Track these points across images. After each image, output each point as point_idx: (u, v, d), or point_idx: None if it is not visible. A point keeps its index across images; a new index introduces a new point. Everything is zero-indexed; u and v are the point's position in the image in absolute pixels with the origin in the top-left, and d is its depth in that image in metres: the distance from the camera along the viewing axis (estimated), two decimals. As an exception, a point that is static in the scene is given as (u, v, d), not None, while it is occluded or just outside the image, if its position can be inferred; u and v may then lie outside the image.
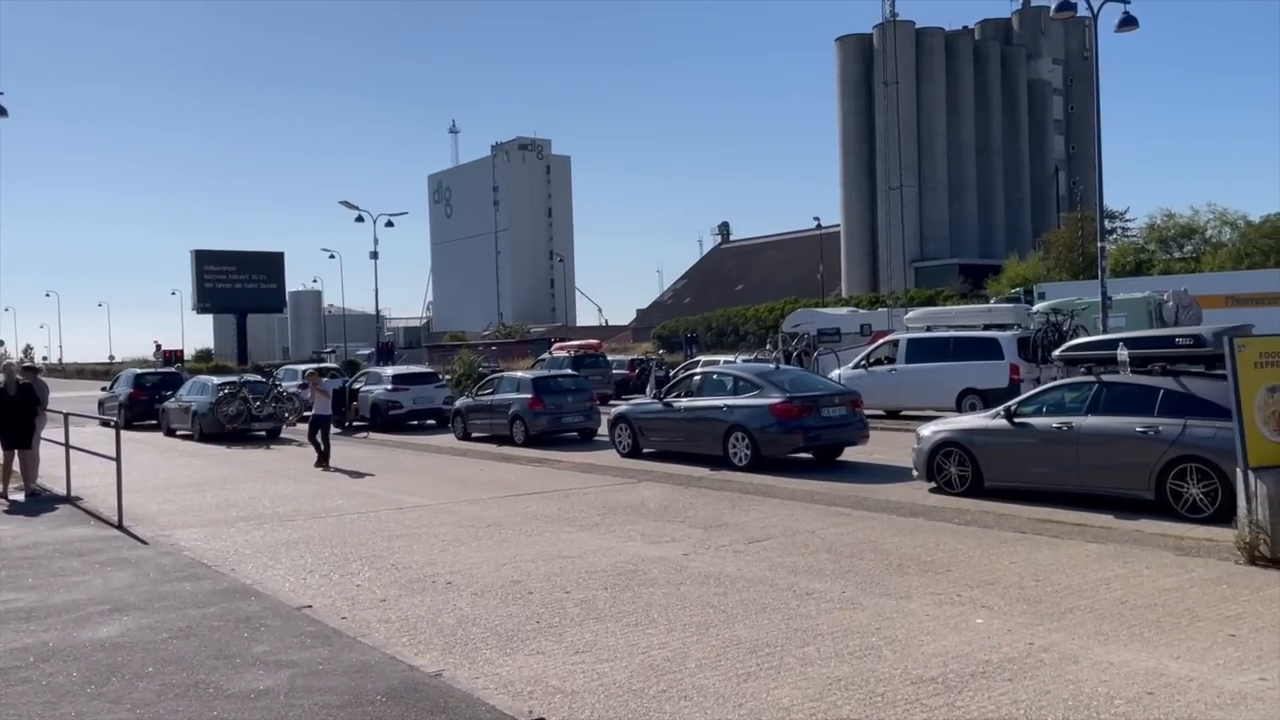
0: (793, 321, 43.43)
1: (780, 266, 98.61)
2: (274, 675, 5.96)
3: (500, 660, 6.27)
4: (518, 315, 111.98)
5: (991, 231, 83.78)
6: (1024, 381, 19.41)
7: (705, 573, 8.48)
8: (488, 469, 17.09)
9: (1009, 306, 27.27)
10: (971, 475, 11.93)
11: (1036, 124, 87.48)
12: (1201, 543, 8.81)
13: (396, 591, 8.21)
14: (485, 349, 61.68)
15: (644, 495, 13.19)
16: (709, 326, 72.70)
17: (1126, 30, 21.68)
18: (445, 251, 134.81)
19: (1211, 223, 57.94)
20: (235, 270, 74.00)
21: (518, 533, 10.71)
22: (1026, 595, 7.39)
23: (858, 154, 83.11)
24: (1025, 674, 5.65)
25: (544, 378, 22.60)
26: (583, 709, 5.37)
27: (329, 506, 13.12)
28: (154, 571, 9.12)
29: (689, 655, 6.23)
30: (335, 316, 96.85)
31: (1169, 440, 10.02)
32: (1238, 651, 5.89)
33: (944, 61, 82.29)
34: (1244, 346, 8.32)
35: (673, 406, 17.10)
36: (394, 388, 26.19)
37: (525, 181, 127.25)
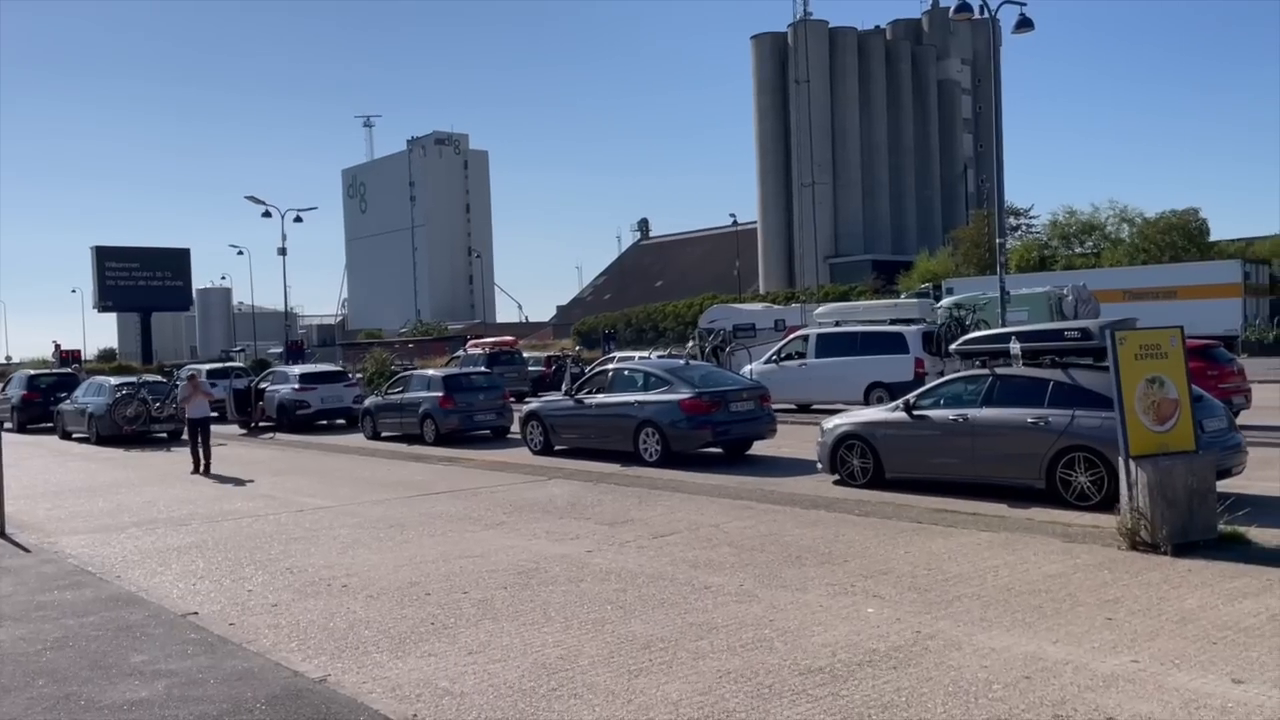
0: (709, 317, 43.81)
1: (699, 263, 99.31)
2: (150, 685, 5.75)
3: (390, 663, 6.16)
4: (436, 313, 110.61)
5: (904, 228, 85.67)
6: (928, 375, 19.82)
7: (606, 569, 8.46)
8: (396, 469, 16.82)
9: (915, 302, 27.83)
10: (873, 467, 12.15)
11: (946, 123, 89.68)
12: (1088, 529, 9.11)
13: (289, 596, 8.01)
14: (401, 347, 60.77)
15: (552, 493, 13.12)
16: (629, 323, 72.85)
17: (1023, 31, 22.31)
18: (360, 248, 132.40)
19: (1111, 219, 60.14)
20: (139, 267, 71.50)
21: (420, 533, 10.55)
22: (917, 584, 7.53)
23: (774, 151, 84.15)
24: (910, 662, 5.76)
25: (455, 376, 22.34)
26: (469, 710, 5.30)
27: (227, 510, 12.76)
28: (33, 580, 8.75)
29: (583, 653, 6.20)
30: (245, 315, 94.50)
31: (1058, 430, 10.33)
32: (1113, 635, 6.09)
33: (856, 61, 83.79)
34: (1124, 339, 8.62)
35: (584, 403, 17.06)
36: (301, 387, 25.62)
37: (442, 177, 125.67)
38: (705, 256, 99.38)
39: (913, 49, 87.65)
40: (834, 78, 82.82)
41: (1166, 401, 8.61)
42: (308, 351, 54.60)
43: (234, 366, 33.46)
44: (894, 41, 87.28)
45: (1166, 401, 8.61)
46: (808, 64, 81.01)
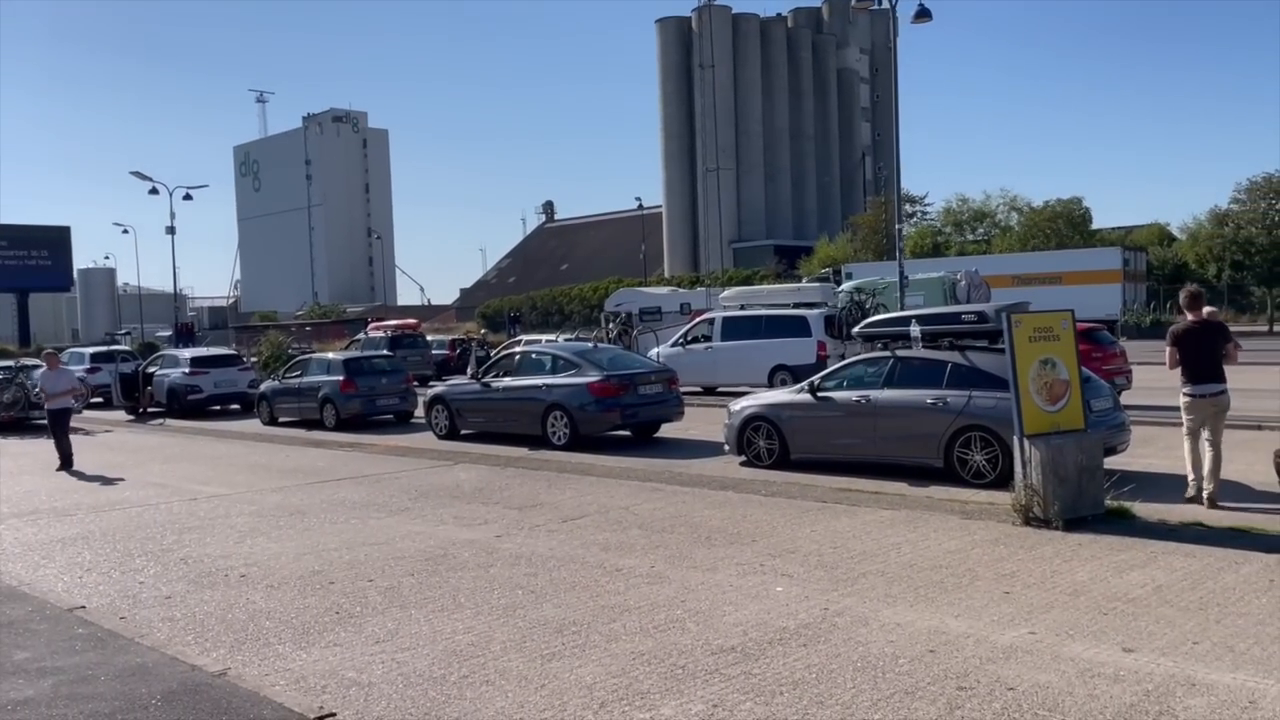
0: (615, 301, 43.77)
1: (604, 246, 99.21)
2: (35, 684, 5.46)
3: (293, 655, 5.98)
4: (334, 295, 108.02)
5: (804, 214, 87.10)
6: (830, 358, 20.21)
7: (516, 554, 8.39)
8: (294, 455, 16.37)
9: (817, 286, 28.35)
10: (779, 448, 12.32)
11: (845, 111, 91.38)
12: (983, 506, 9.40)
13: (184, 587, 7.71)
14: (298, 330, 59.17)
15: (459, 478, 12.95)
16: (534, 306, 72.38)
17: (921, 21, 22.84)
18: (254, 227, 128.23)
19: (1001, 207, 62.28)
20: (14, 246, 67.80)
21: (322, 520, 10.28)
22: (824, 562, 7.67)
23: (678, 136, 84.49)
24: (819, 638, 5.85)
25: (356, 359, 21.82)
26: (378, 700, 5.18)
27: (114, 499, 12.22)
28: (-98, 577, 8.22)
29: (494, 638, 6.13)
30: (131, 296, 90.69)
31: (956, 411, 10.64)
32: (1011, 608, 6.30)
33: (759, 47, 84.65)
34: (1019, 322, 8.91)
35: (491, 387, 16.87)
36: (193, 371, 24.72)
37: (340, 155, 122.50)
38: (610, 240, 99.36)
39: (813, 37, 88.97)
40: (737, 64, 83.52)
41: (1058, 382, 8.94)
42: (198, 334, 52.72)
43: (120, 350, 32.06)
44: (795, 29, 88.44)
45: (1058, 382, 8.94)
46: (712, 49, 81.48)
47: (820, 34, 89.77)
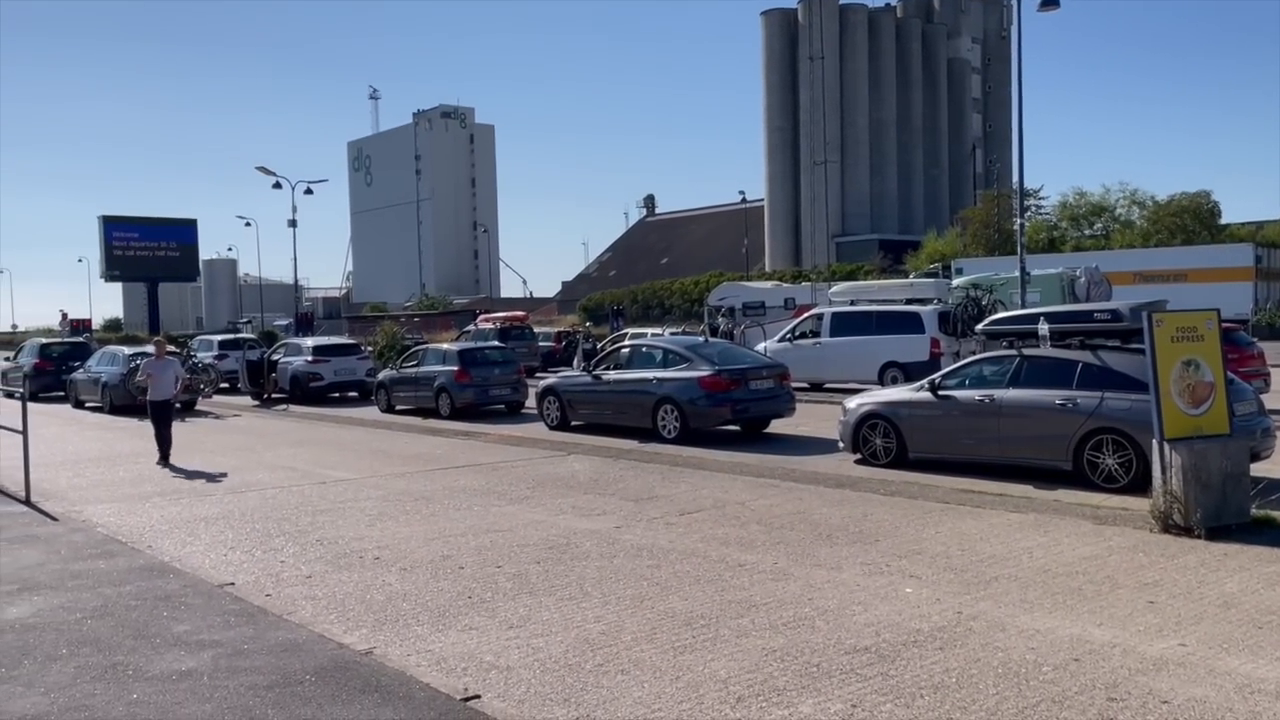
0: (718, 295, 43.66)
1: (705, 240, 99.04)
2: (196, 656, 5.76)
3: (432, 636, 6.16)
4: (440, 287, 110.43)
5: (911, 207, 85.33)
6: (944, 355, 19.81)
7: (638, 545, 8.47)
8: (413, 442, 16.83)
9: (930, 281, 27.79)
10: (896, 447, 12.13)
11: (955, 102, 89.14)
12: (1117, 512, 9.09)
13: (323, 567, 8.02)
14: (407, 321, 60.65)
15: (574, 468, 13.13)
16: (634, 299, 72.73)
17: (1048, 10, 22.10)
18: (365, 221, 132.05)
19: (1121, 201, 59.90)
20: (146, 237, 71.30)
21: (447, 506, 10.56)
22: (952, 564, 7.53)
23: (782, 129, 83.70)
24: (956, 642, 5.75)
25: (471, 350, 22.29)
26: (518, 684, 5.31)
27: (249, 481, 12.77)
28: (65, 549, 8.76)
29: (624, 628, 6.21)
30: (251, 286, 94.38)
31: (1087, 412, 10.30)
32: (1157, 618, 6.08)
33: (867, 38, 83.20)
34: (1161, 321, 8.57)
35: (601, 379, 17.03)
36: (314, 359, 25.60)
37: (448, 150, 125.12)
38: (711, 234, 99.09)
39: (923, 27, 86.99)
40: (844, 55, 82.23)
41: (1201, 384, 8.57)
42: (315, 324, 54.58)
43: (245, 338, 33.44)
44: (905, 19, 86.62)
45: (1201, 384, 8.57)
46: (822, 40, 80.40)
47: (930, 24, 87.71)
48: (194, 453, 15.90)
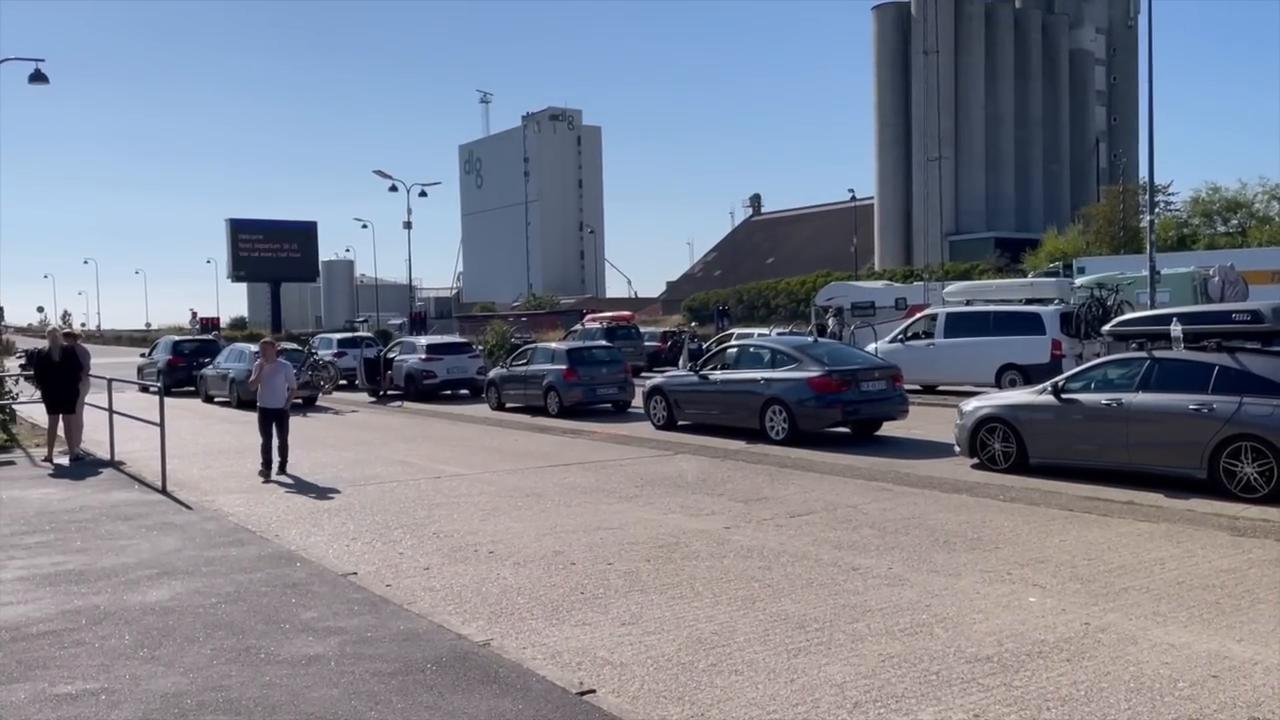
0: (827, 294, 43.03)
1: (811, 239, 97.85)
2: (324, 642, 5.97)
3: (547, 630, 6.25)
4: (547, 286, 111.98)
5: (1028, 205, 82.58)
6: (1066, 357, 19.13)
7: (748, 546, 8.41)
8: (523, 439, 17.10)
9: (1050, 281, 26.86)
10: (1016, 451, 11.75)
11: (1077, 95, 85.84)
12: (1257, 523, 8.62)
13: (440, 560, 8.21)
14: (515, 320, 61.75)
15: (681, 467, 13.13)
16: (740, 299, 72.33)
17: (1179, -3, 21.07)
18: (475, 222, 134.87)
19: (1260, 196, 56.73)
20: (269, 240, 74.36)
21: (557, 503, 10.69)
22: (1078, 574, 7.25)
23: (893, 125, 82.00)
24: (1083, 654, 5.54)
25: (578, 349, 22.54)
26: (632, 681, 5.33)
27: (368, 474, 13.18)
28: (199, 536, 9.19)
29: (736, 629, 6.17)
30: (367, 286, 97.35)
31: (1223, 418, 9.79)
32: (1303, 635, 5.74)
33: (983, 30, 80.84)
34: (1308, 323, 8.09)
35: (708, 379, 16.99)
36: (428, 357, 26.27)
37: (556, 152, 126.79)
38: (818, 233, 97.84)
39: (1043, 18, 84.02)
40: (959, 48, 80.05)
41: (1353, 390, 8.05)
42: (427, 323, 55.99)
43: (363, 336, 34.54)
44: (1024, 10, 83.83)
45: (1353, 390, 8.05)
46: (937, 34, 78.52)
47: (1051, 14, 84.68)
48: (315, 446, 16.49)
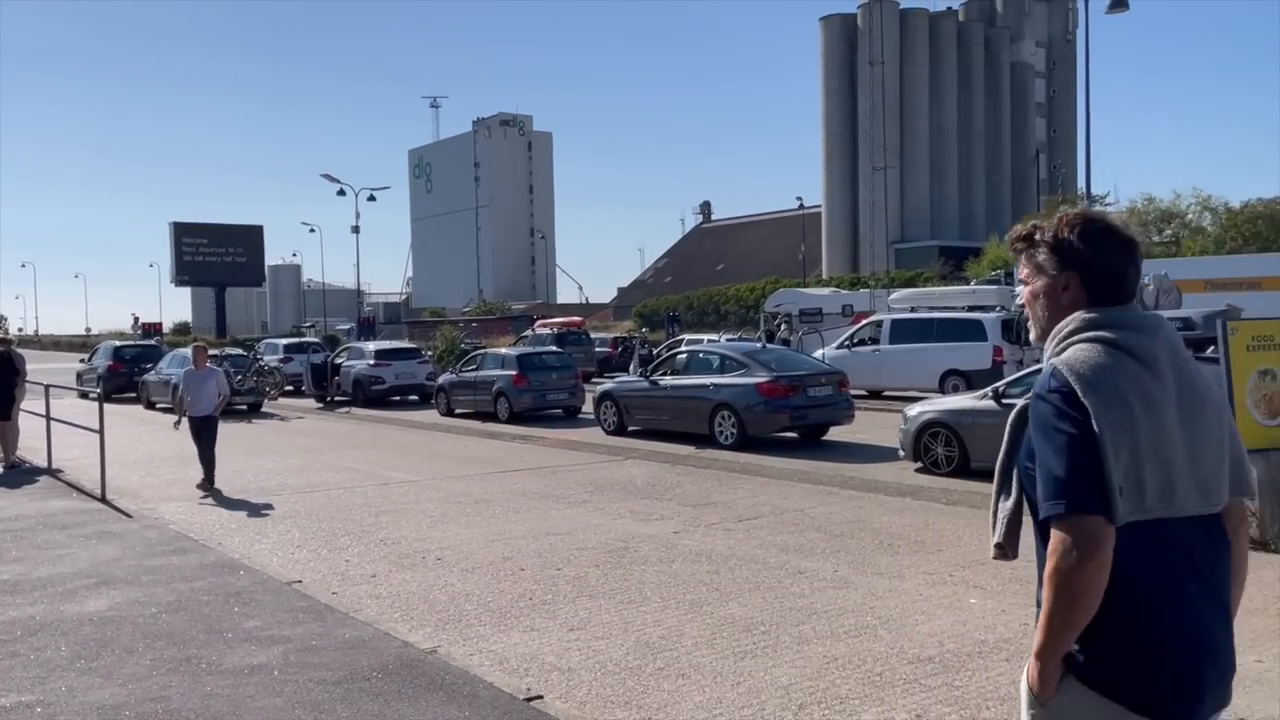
0: (775, 301, 43.40)
1: (761, 246, 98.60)
2: (267, 651, 5.90)
3: (494, 637, 6.24)
4: (498, 292, 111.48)
5: (971, 214, 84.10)
6: (1007, 364, 19.50)
7: (696, 550, 8.47)
8: (472, 445, 17.02)
9: (992, 288, 27.38)
10: (958, 455, 11.98)
11: (1018, 107, 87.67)
12: (1188, 525, 8.86)
13: (386, 567, 8.15)
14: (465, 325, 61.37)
15: (631, 473, 13.17)
16: (690, 305, 72.62)
17: (1117, 11, 21.67)
18: (425, 227, 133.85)
19: (1192, 207, 58.32)
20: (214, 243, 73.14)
21: (506, 509, 10.66)
22: (1018, 575, 7.40)
23: (840, 134, 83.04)
24: (1022, 654, 5.66)
25: (529, 355, 22.50)
26: (580, 686, 5.35)
27: (314, 481, 13.02)
28: (140, 545, 9.02)
29: (684, 633, 6.22)
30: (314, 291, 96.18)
31: (1156, 423, 10.05)
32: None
33: (927, 42, 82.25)
34: (1236, 330, 8.36)
35: (658, 385, 17.07)
36: (376, 363, 26.03)
37: (506, 158, 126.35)
38: (767, 240, 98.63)
39: (986, 31, 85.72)
40: (904, 60, 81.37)
41: (1279, 395, 8.34)
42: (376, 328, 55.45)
43: (310, 341, 34.13)
44: (967, 23, 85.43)
45: (1279, 395, 8.34)
46: (882, 45, 79.70)
47: (993, 27, 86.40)
48: (260, 453, 16.26)
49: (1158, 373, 2.21)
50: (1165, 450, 2.16)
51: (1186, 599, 2.17)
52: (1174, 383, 2.22)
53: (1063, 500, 2.12)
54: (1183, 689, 2.15)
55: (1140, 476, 2.13)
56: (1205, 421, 2.25)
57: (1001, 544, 2.46)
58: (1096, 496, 2.10)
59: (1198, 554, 2.22)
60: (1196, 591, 2.19)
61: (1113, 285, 2.32)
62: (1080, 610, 2.11)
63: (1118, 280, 2.32)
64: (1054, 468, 2.14)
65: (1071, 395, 2.16)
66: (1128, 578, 2.13)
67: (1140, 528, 2.14)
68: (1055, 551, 2.12)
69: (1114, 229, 2.35)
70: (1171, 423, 2.18)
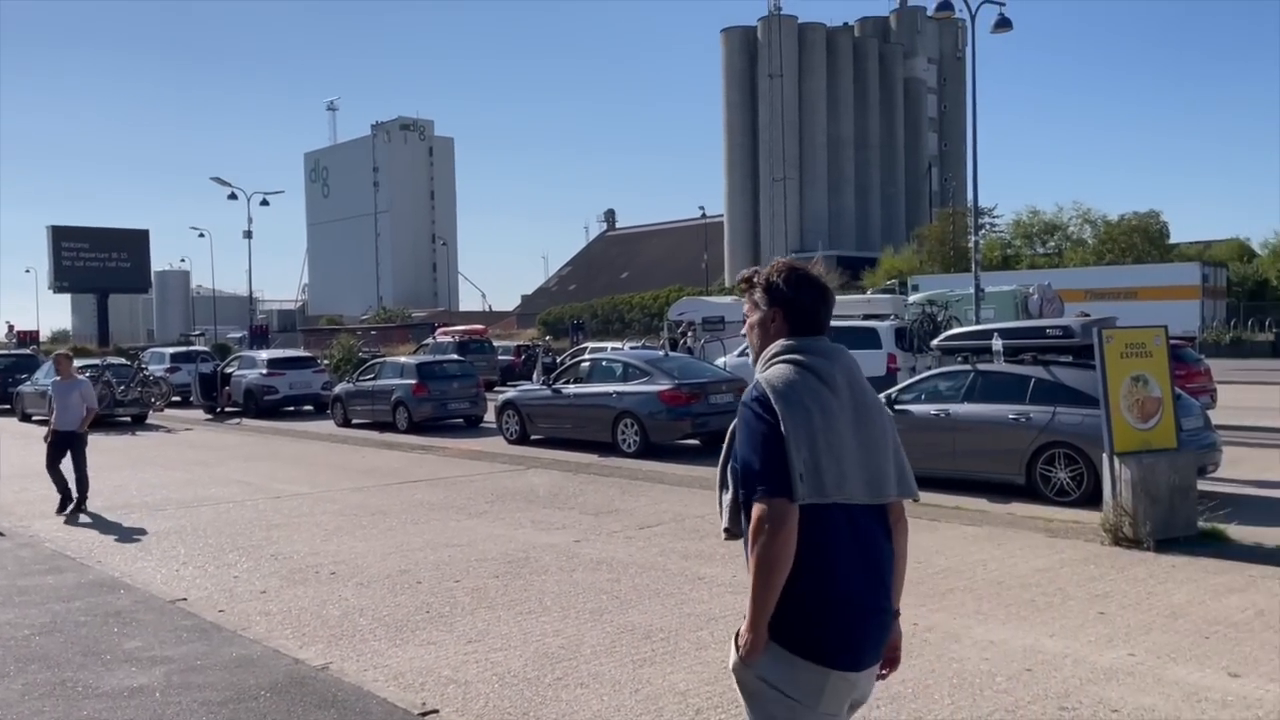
0: (678, 309, 43.76)
1: (665, 255, 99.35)
2: (148, 672, 5.66)
3: (390, 651, 6.11)
4: (398, 299, 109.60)
5: (868, 225, 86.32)
6: (900, 370, 20.03)
7: (597, 559, 8.46)
8: (370, 456, 16.68)
9: (886, 297, 28.16)
10: (854, 461, 12.22)
11: (912, 121, 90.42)
12: (1069, 525, 9.25)
13: (277, 582, 7.92)
14: (364, 333, 60.16)
15: (533, 482, 13.09)
16: (594, 314, 72.69)
17: (1002, 31, 22.54)
18: (322, 233, 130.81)
19: (1074, 220, 61.04)
20: (96, 248, 70.04)
21: (404, 521, 10.48)
22: (909, 577, 7.46)
23: (742, 145, 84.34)
24: (911, 654, 5.80)
25: (429, 363, 22.17)
26: (476, 699, 5.28)
27: (202, 495, 12.57)
28: (12, 564, 8.57)
29: (584, 642, 6.20)
30: (204, 298, 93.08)
31: (1039, 427, 10.48)
32: (1107, 629, 6.20)
33: (825, 57, 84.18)
34: (1111, 338, 8.76)
35: (561, 393, 17.01)
36: (269, 372, 25.29)
37: (407, 163, 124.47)
38: (671, 249, 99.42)
39: (880, 47, 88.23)
40: (802, 73, 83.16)
41: (1150, 400, 8.77)
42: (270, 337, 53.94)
43: (199, 350, 32.96)
44: (862, 39, 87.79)
45: (1150, 400, 8.77)
46: (780, 59, 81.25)
47: (887, 44, 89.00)
48: (145, 466, 15.63)
49: (835, 389, 2.75)
50: (838, 449, 2.68)
51: (852, 571, 2.69)
52: (849, 399, 2.77)
53: (757, 486, 2.63)
54: (844, 642, 2.68)
55: (818, 467, 2.64)
56: (873, 431, 2.79)
57: (729, 527, 2.89)
58: (783, 482, 2.61)
59: (865, 536, 2.74)
60: (861, 566, 2.71)
61: (808, 320, 2.87)
62: (776, 575, 2.61)
63: (812, 316, 2.87)
64: (751, 460, 2.67)
65: (767, 402, 2.70)
66: (807, 551, 2.64)
67: (819, 510, 2.65)
68: (753, 528, 2.63)
69: (811, 278, 2.90)
70: (845, 428, 2.72)
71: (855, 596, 2.69)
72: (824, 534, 2.67)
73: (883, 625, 2.81)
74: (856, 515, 2.72)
